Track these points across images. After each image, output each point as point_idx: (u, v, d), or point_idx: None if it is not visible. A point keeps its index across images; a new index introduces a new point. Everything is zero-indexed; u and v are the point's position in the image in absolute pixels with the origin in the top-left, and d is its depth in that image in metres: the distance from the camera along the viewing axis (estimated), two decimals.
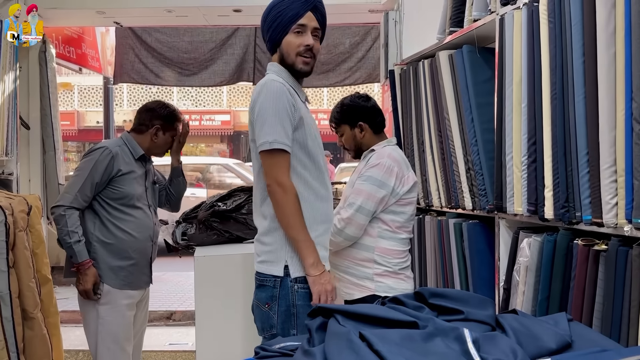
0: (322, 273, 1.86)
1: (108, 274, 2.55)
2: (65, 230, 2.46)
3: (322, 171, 1.96)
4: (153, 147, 2.69)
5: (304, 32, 1.92)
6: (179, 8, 4.63)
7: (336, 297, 1.92)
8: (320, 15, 1.95)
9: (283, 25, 1.92)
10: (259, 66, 6.20)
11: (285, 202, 1.84)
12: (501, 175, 2.24)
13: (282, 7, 1.93)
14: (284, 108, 1.85)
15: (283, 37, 1.93)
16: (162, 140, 2.69)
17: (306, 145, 1.90)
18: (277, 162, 1.85)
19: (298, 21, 1.91)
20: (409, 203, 2.41)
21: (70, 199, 2.48)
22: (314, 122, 2.02)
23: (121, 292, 2.57)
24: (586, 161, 1.79)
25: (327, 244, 2.00)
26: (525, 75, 2.08)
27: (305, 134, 1.90)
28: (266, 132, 1.84)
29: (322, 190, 1.95)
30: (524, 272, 2.08)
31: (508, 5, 2.22)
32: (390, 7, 4.19)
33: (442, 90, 2.68)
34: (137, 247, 2.60)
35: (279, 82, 1.89)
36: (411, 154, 3.06)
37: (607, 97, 1.71)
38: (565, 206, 1.88)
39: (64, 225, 2.47)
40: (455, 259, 2.65)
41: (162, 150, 2.73)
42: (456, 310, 1.14)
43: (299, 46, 1.92)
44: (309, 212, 1.91)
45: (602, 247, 1.78)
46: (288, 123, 1.86)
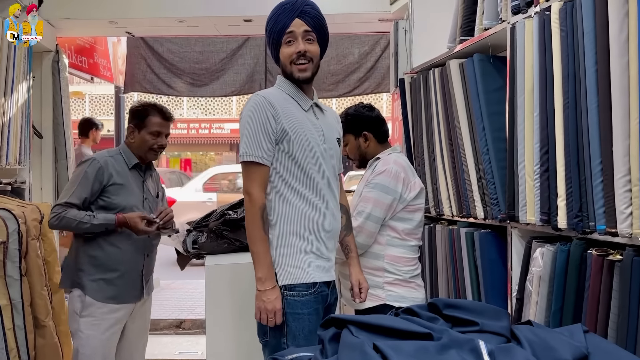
0: (267, 290, 1.85)
1: (90, 286, 2.45)
2: (76, 222, 2.38)
3: (316, 180, 1.95)
4: (136, 150, 2.57)
5: (295, 39, 1.95)
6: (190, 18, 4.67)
7: (279, 322, 1.87)
8: (309, 17, 1.96)
9: (276, 40, 1.97)
10: (270, 77, 6.22)
11: (248, 213, 1.90)
12: (513, 184, 2.22)
13: (272, 23, 1.98)
14: (260, 122, 1.89)
15: (279, 50, 1.97)
16: (139, 139, 2.56)
17: (294, 155, 1.92)
18: (249, 173, 1.91)
19: (286, 31, 1.94)
20: (417, 210, 2.40)
21: (60, 209, 2.40)
22: (318, 130, 2.01)
23: (104, 305, 2.46)
24: (600, 170, 1.78)
25: (328, 253, 1.99)
26: (537, 84, 2.08)
27: (293, 144, 1.92)
28: (242, 145, 1.92)
29: (316, 200, 1.94)
30: (537, 282, 2.06)
31: (519, 14, 2.22)
32: (400, 16, 4.20)
33: (452, 99, 2.68)
34: (125, 259, 2.50)
35: (261, 96, 1.94)
36: (422, 163, 3.05)
37: (620, 105, 1.69)
38: (579, 215, 1.87)
39: (69, 221, 2.38)
40: (467, 269, 2.63)
41: (145, 152, 2.57)
42: (471, 321, 1.13)
43: (292, 55, 1.95)
44: (300, 220, 1.92)
45: (616, 257, 1.76)
46: (264, 136, 1.89)
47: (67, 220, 2.39)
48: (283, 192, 1.92)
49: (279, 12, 1.97)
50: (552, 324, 1.96)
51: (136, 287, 2.56)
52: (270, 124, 1.90)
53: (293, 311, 1.88)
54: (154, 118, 2.57)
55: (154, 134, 2.57)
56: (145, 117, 2.56)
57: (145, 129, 2.56)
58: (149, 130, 2.56)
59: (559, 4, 1.94)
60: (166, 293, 6.38)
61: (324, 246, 1.97)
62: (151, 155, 2.60)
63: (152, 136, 2.57)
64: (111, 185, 2.47)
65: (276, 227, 1.91)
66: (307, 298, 1.90)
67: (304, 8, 1.96)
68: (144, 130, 2.56)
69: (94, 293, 2.45)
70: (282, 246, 1.90)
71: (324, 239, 1.97)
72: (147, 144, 2.57)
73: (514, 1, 2.24)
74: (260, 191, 1.90)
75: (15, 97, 3.52)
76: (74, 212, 2.40)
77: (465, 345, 1.01)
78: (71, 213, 2.40)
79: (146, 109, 2.57)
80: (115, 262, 2.49)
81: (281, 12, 1.96)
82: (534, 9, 2.11)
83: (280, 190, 1.92)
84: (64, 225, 2.41)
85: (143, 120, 2.56)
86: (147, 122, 2.56)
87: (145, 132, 2.56)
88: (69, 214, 2.39)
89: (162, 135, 2.60)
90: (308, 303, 1.90)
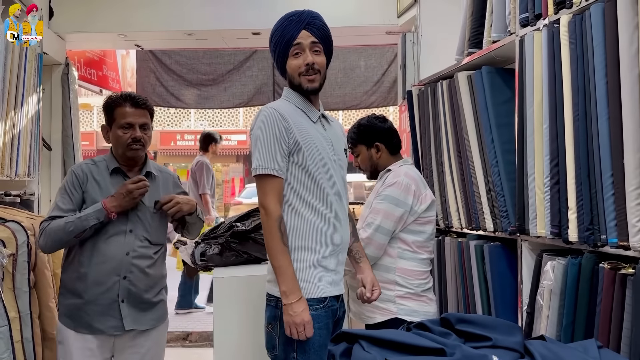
0: (293, 302, 1.83)
1: (61, 310, 2.22)
2: (61, 228, 2.12)
3: (327, 193, 1.94)
4: (115, 151, 2.29)
5: (302, 51, 1.95)
6: (199, 31, 4.70)
7: (310, 334, 1.84)
8: (316, 29, 1.96)
9: (282, 51, 1.97)
10: (278, 89, 6.25)
11: (266, 226, 1.88)
12: (523, 196, 2.21)
13: (278, 34, 1.98)
14: (273, 134, 1.89)
15: (286, 62, 1.97)
16: (113, 138, 2.26)
17: (307, 167, 1.92)
18: (264, 186, 1.89)
19: (293, 42, 1.94)
20: (428, 222, 2.39)
21: (44, 224, 2.19)
22: (330, 141, 2.01)
23: (75, 333, 2.18)
24: (611, 183, 1.77)
25: (337, 267, 1.98)
26: (546, 96, 2.07)
27: (305, 157, 1.91)
28: (255, 158, 1.91)
29: (327, 213, 1.94)
30: (547, 296, 2.04)
31: (528, 26, 2.22)
32: (408, 28, 4.21)
33: (461, 111, 2.68)
34: (91, 282, 2.16)
35: (272, 108, 1.93)
36: (430, 175, 3.05)
37: (631, 118, 1.68)
38: (590, 229, 1.85)
39: (55, 231, 2.13)
40: (477, 282, 2.61)
41: (122, 151, 2.24)
42: (484, 336, 1.12)
43: (300, 67, 1.95)
44: (313, 233, 1.91)
45: (628, 271, 1.74)
46: (278, 148, 1.89)
47: (52, 232, 2.12)
48: (295, 205, 1.91)
49: (285, 23, 1.97)
50: (563, 338, 1.94)
51: (113, 316, 2.18)
52: (283, 136, 1.90)
53: None
54: (121, 109, 2.23)
55: (124, 126, 2.22)
56: (113, 110, 2.24)
57: (115, 123, 2.24)
58: (118, 124, 2.23)
59: (568, 16, 1.94)
60: (173, 305, 6.36)
61: (335, 259, 1.96)
62: (130, 152, 2.24)
63: (122, 130, 2.22)
64: (85, 193, 2.21)
65: (288, 241, 1.91)
66: (318, 312, 1.89)
67: (310, 19, 1.97)
68: (114, 125, 2.24)
69: (63, 318, 2.22)
70: (293, 261, 1.89)
71: (335, 252, 1.96)
72: (121, 140, 2.23)
73: (522, 14, 2.24)
74: (276, 203, 1.89)
75: (25, 110, 3.55)
76: (56, 221, 2.15)
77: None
78: (54, 223, 2.14)
79: (113, 100, 2.26)
80: (80, 286, 2.18)
81: (288, 24, 1.96)
82: (543, 21, 2.11)
83: (292, 203, 1.92)
84: (53, 238, 2.13)
85: (112, 114, 2.25)
86: (116, 114, 2.24)
87: (116, 126, 2.24)
88: (52, 224, 2.14)
89: (136, 127, 2.23)
90: (318, 317, 1.88)
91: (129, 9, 4.57)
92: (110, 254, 2.18)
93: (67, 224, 2.13)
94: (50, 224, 2.16)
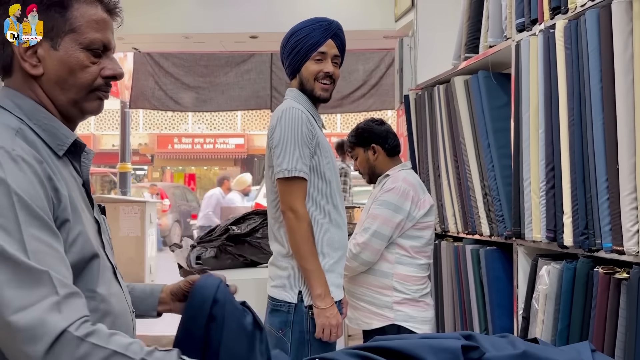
0: (329, 307, 1.84)
1: None
2: None
3: (336, 197, 1.96)
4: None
5: (324, 59, 1.94)
6: (196, 34, 4.72)
7: (341, 334, 1.88)
8: (340, 42, 1.97)
9: (303, 53, 1.94)
10: (276, 93, 6.26)
11: (297, 230, 1.84)
12: (519, 201, 2.22)
13: (302, 35, 1.94)
14: (302, 135, 1.86)
15: (303, 64, 1.95)
16: None
17: (322, 171, 1.91)
18: (294, 189, 1.85)
19: (318, 49, 1.93)
20: (426, 227, 2.39)
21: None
22: (330, 147, 2.03)
23: None
24: (606, 187, 1.77)
25: (342, 271, 1.99)
26: (542, 101, 2.08)
27: (322, 160, 1.91)
28: (285, 160, 1.85)
29: (336, 217, 1.95)
30: (543, 300, 2.04)
31: (524, 31, 2.23)
32: (405, 33, 4.23)
33: (457, 116, 2.68)
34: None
35: (297, 109, 1.90)
36: (426, 179, 3.05)
37: (626, 123, 1.69)
38: (585, 233, 1.86)
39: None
40: (473, 286, 2.61)
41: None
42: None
43: (319, 72, 1.94)
44: (325, 238, 1.90)
45: (623, 276, 1.74)
46: (306, 150, 1.86)
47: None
48: (310, 210, 1.89)
49: (314, 26, 1.95)
50: (558, 342, 1.94)
51: None
52: (309, 138, 1.88)
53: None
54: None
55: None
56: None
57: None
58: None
59: (564, 21, 1.95)
60: None
61: (341, 263, 1.98)
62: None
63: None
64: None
65: None
66: None
67: (337, 31, 1.98)
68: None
69: None
70: None
71: (342, 257, 1.97)
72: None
73: (518, 19, 2.25)
74: (304, 207, 1.86)
75: None
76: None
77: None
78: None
79: None
80: None
81: (316, 28, 1.94)
82: (539, 26, 2.12)
83: (308, 208, 1.89)
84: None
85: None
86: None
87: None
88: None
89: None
90: None
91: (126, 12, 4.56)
92: None
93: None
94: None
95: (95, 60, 0.99)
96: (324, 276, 1.84)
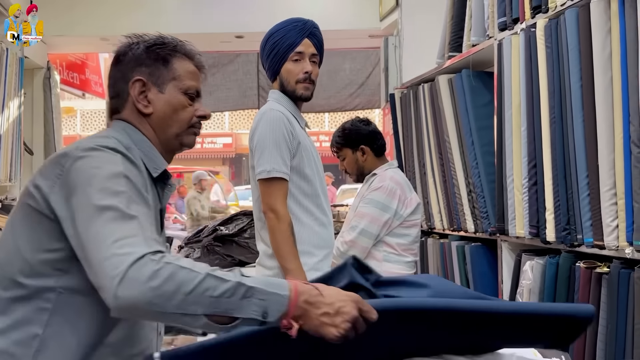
0: None
1: None
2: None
3: (320, 197, 1.96)
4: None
5: (302, 59, 1.95)
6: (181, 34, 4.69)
7: None
8: (317, 40, 1.99)
9: (281, 54, 1.96)
10: (263, 92, 6.26)
11: (278, 230, 1.86)
12: (502, 197, 2.25)
13: (278, 37, 1.97)
14: (282, 136, 1.88)
15: (282, 65, 1.97)
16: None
17: (303, 171, 1.93)
18: (274, 190, 1.87)
19: (295, 49, 1.95)
20: (413, 225, 2.42)
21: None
22: (314, 147, 2.04)
23: None
24: (586, 184, 1.81)
25: (328, 269, 2.00)
26: (524, 99, 2.11)
27: (303, 161, 1.92)
28: (265, 161, 1.88)
29: (321, 216, 1.96)
30: (527, 295, 2.08)
31: (506, 30, 2.26)
32: (390, 32, 4.25)
33: (442, 114, 2.71)
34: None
35: (277, 111, 1.92)
36: (412, 177, 3.08)
37: (605, 120, 1.73)
38: (567, 229, 1.89)
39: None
40: (459, 282, 2.64)
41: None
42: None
43: (298, 73, 1.95)
44: (310, 237, 1.92)
45: (604, 270, 1.78)
46: (286, 151, 1.89)
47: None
48: (293, 209, 1.90)
49: (289, 27, 1.96)
50: None
51: None
52: (289, 139, 1.89)
53: None
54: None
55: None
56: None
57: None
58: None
59: (544, 21, 1.98)
60: None
61: (327, 262, 1.98)
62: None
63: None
64: None
65: None
66: None
67: (313, 30, 1.98)
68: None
69: None
70: None
71: (327, 255, 1.98)
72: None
73: (500, 18, 2.28)
74: (285, 207, 1.87)
75: (6, 114, 3.52)
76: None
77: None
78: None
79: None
80: None
81: (292, 29, 1.96)
82: (520, 25, 2.15)
83: (290, 207, 1.90)
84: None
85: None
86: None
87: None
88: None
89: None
90: None
91: (111, 13, 4.55)
92: None
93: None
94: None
95: (191, 103, 1.22)
96: (305, 276, 1.86)
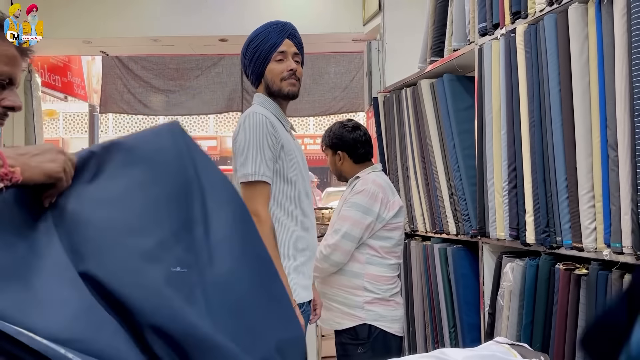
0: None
1: None
2: None
3: (303, 200, 1.97)
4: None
5: (285, 58, 1.97)
6: (165, 38, 4.68)
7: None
8: (297, 41, 2.01)
9: (264, 55, 1.97)
10: (247, 95, 6.25)
11: (259, 234, 1.86)
12: (483, 200, 2.27)
13: (259, 40, 1.99)
14: (264, 140, 1.89)
15: (265, 67, 1.98)
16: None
17: (286, 175, 1.93)
18: (256, 193, 1.88)
19: (278, 49, 1.96)
20: (396, 228, 2.43)
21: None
22: (300, 150, 2.05)
23: None
24: (565, 187, 1.83)
25: (310, 272, 2.00)
26: (504, 103, 2.14)
27: (286, 164, 1.93)
28: (247, 164, 1.88)
29: (303, 219, 1.96)
30: (507, 297, 2.10)
31: (486, 35, 2.28)
32: (373, 36, 4.28)
33: (424, 118, 2.73)
34: None
35: (260, 114, 1.93)
36: (396, 180, 3.10)
37: (582, 124, 1.76)
38: (546, 231, 1.92)
39: None
40: (441, 284, 2.66)
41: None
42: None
43: (283, 71, 1.97)
44: (291, 241, 1.92)
45: (582, 272, 1.81)
46: (269, 154, 1.89)
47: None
48: (275, 212, 1.91)
49: (269, 29, 1.99)
50: (523, 338, 2.00)
51: None
52: (272, 142, 1.90)
53: None
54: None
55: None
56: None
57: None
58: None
59: (524, 26, 2.01)
60: None
61: (309, 265, 1.99)
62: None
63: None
64: None
65: None
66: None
67: (292, 31, 2.02)
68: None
69: None
70: None
71: (309, 258, 1.99)
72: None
73: (481, 23, 2.31)
74: (267, 210, 1.87)
75: None
76: None
77: None
78: None
79: None
80: None
81: (272, 30, 1.98)
82: (500, 31, 2.18)
83: (273, 211, 1.91)
84: None
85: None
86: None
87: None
88: None
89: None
90: None
91: (93, 15, 4.52)
92: None
93: None
94: None
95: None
96: (286, 279, 1.86)
